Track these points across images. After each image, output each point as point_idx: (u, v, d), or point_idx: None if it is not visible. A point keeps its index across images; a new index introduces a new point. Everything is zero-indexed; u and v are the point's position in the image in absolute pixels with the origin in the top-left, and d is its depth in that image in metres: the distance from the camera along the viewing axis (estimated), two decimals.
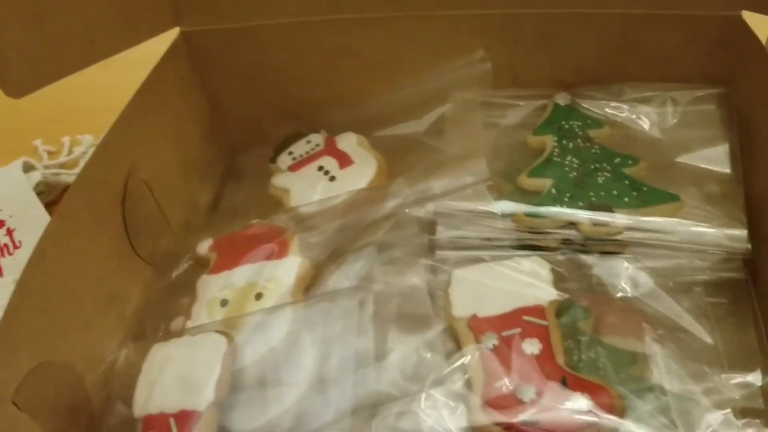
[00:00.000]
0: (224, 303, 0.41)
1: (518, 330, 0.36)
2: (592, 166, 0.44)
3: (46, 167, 0.65)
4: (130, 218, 0.44)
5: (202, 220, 0.53)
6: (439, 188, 0.43)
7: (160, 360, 0.38)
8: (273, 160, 0.52)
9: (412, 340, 0.37)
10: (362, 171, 0.47)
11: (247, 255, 0.43)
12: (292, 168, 0.50)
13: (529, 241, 0.42)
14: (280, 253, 0.43)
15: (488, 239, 0.43)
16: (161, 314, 0.44)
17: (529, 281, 0.39)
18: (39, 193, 0.60)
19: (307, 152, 0.51)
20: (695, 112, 0.45)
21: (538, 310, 0.37)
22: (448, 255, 0.43)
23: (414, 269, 0.40)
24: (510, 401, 0.34)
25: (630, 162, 0.44)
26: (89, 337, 0.40)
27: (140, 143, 0.46)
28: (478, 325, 0.37)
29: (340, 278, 0.39)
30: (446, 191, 0.44)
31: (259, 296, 0.40)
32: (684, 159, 0.44)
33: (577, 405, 0.33)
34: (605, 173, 0.43)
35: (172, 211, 0.50)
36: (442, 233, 0.43)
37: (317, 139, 0.52)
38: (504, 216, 0.42)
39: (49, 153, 0.68)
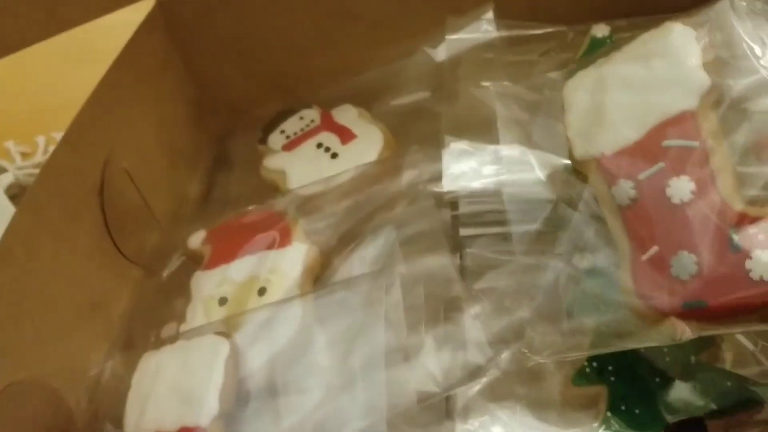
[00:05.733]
0: (223, 301, 0.36)
1: (660, 165, 0.25)
2: None
3: (19, 168, 0.59)
4: (110, 212, 0.39)
5: (192, 212, 0.48)
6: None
7: (153, 371, 0.33)
8: (263, 140, 0.46)
9: (445, 327, 0.32)
10: (368, 145, 0.42)
11: (246, 246, 0.38)
12: (287, 147, 0.45)
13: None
14: (283, 241, 0.38)
15: None
16: (152, 320, 0.39)
17: (666, 73, 0.26)
18: (12, 197, 0.55)
19: (301, 129, 0.46)
20: None
21: (684, 122, 0.25)
22: (473, 233, 0.39)
23: (437, 248, 0.35)
24: (665, 282, 0.25)
25: None
26: (69, 349, 0.35)
27: (117, 126, 0.41)
28: (607, 169, 0.27)
29: (355, 264, 0.34)
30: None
31: (262, 291, 0.35)
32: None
33: (759, 269, 0.23)
34: None
35: (158, 203, 0.44)
36: (466, 207, 0.37)
37: (311, 114, 0.47)
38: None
39: (24, 154, 0.63)
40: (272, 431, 0.29)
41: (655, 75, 0.27)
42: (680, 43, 0.27)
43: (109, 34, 0.44)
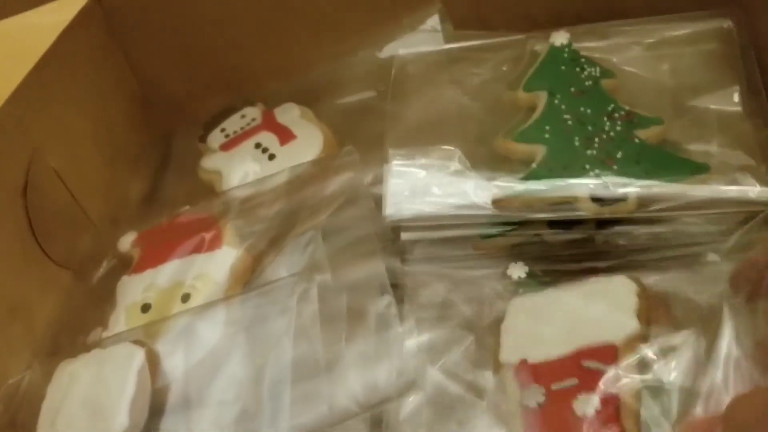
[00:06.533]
0: (146, 308, 0.35)
1: (573, 382, 0.28)
2: (598, 128, 0.35)
3: None
4: (36, 214, 0.37)
5: (132, 214, 0.46)
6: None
7: (66, 380, 0.31)
8: (203, 138, 0.45)
9: (369, 341, 0.30)
10: (306, 146, 0.41)
11: (175, 249, 0.37)
12: (225, 147, 0.43)
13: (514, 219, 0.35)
14: (213, 244, 0.36)
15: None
16: (79, 325, 0.38)
17: (602, 310, 0.30)
18: None
19: (241, 128, 0.44)
20: (699, 51, 0.38)
21: (605, 352, 0.28)
22: (414, 237, 0.37)
23: (371, 256, 0.34)
24: None
25: (647, 122, 0.35)
26: None
27: (45, 124, 0.39)
28: (524, 375, 0.29)
29: (277, 269, 0.33)
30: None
31: (186, 297, 0.34)
32: (696, 102, 0.36)
33: None
34: (615, 137, 0.34)
35: (95, 203, 0.43)
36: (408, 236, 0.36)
37: (253, 112, 0.45)
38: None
39: None
40: None
41: (593, 308, 0.30)
42: (621, 291, 0.31)
43: (43, 30, 0.43)
